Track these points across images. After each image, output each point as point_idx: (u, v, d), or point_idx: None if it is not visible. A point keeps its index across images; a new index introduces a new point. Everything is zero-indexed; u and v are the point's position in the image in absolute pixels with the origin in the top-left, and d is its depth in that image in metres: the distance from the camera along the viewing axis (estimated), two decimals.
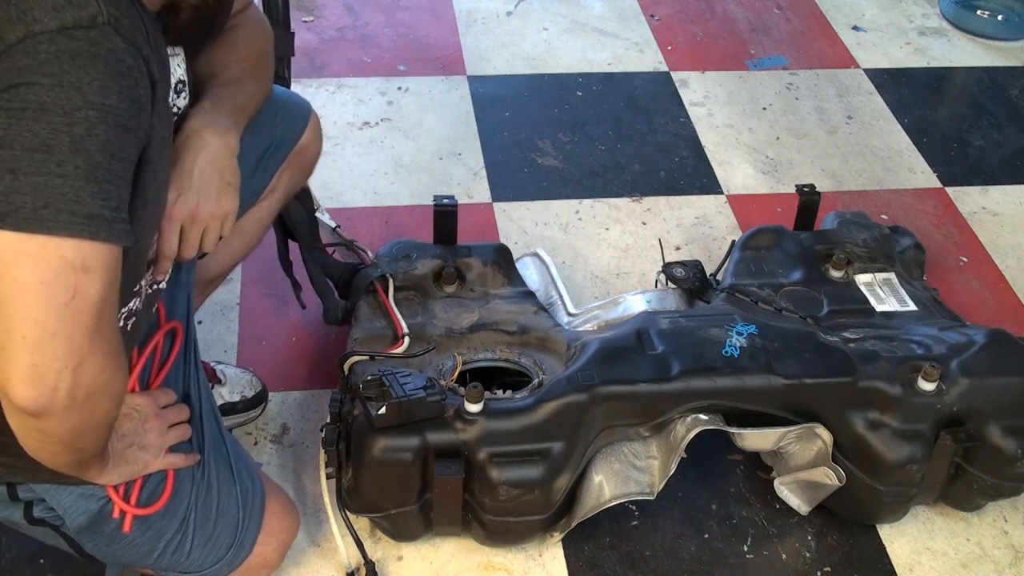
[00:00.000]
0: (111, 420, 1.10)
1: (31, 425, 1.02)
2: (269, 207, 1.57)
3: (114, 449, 1.22)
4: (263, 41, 1.43)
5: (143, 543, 1.29)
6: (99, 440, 1.13)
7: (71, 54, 0.95)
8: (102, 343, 1.00)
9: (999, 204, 2.35)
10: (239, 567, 1.37)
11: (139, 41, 1.01)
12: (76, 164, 0.94)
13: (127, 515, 1.25)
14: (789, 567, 1.60)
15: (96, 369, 1.00)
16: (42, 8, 0.94)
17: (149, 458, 1.26)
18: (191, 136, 1.23)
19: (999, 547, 1.65)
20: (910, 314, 1.73)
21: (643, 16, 2.90)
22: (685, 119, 2.53)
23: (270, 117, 1.47)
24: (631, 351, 1.55)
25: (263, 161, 1.50)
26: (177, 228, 1.23)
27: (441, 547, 1.58)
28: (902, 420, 1.52)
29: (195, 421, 1.35)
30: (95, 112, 0.95)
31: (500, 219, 2.19)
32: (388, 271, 1.70)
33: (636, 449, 1.54)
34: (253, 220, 1.55)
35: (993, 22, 2.90)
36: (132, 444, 1.24)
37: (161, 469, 1.28)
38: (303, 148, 1.57)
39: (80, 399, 1.00)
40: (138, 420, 1.26)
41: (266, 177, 1.52)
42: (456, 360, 1.55)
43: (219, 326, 1.89)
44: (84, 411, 1.02)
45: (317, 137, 1.61)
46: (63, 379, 0.98)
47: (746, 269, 1.79)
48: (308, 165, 1.62)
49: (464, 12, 2.85)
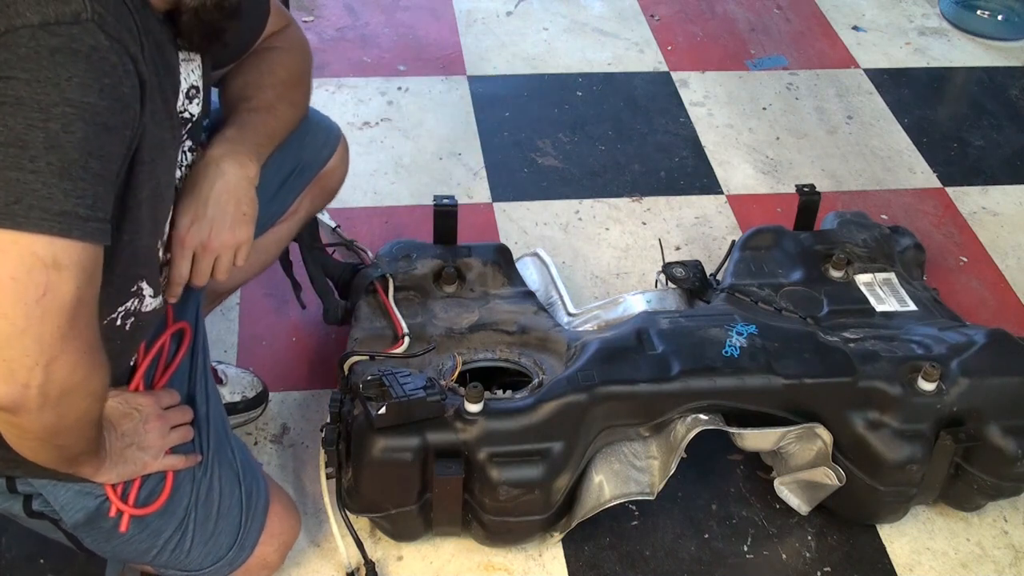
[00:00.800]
0: (92, 419, 1.10)
1: (7, 420, 1.02)
2: (288, 228, 1.58)
3: (112, 448, 1.22)
4: (302, 62, 1.43)
5: (141, 541, 1.29)
6: (81, 438, 1.12)
7: (51, 50, 0.94)
8: (76, 341, 1.00)
9: (999, 204, 2.35)
10: (239, 567, 1.37)
11: (126, 39, 1.00)
12: (49, 160, 0.94)
13: (124, 514, 1.25)
14: (789, 567, 1.60)
15: (69, 367, 1.00)
16: (25, 2, 0.94)
17: (148, 459, 1.26)
18: (209, 165, 1.23)
19: (999, 547, 1.65)
20: (910, 314, 1.73)
21: (643, 16, 2.90)
22: (685, 119, 2.53)
23: (299, 139, 1.46)
24: (631, 351, 1.55)
25: (286, 183, 1.50)
26: (189, 255, 1.23)
27: (441, 547, 1.58)
28: (902, 420, 1.52)
29: (199, 422, 1.35)
30: (72, 109, 0.94)
31: (500, 219, 2.19)
32: (388, 271, 1.70)
33: (636, 449, 1.54)
34: (271, 240, 1.55)
35: (993, 22, 2.90)
36: (132, 444, 1.24)
37: (160, 470, 1.28)
38: (328, 173, 1.58)
39: (53, 396, 1.00)
40: (139, 420, 1.26)
41: (288, 199, 1.53)
42: (456, 360, 1.55)
43: (219, 326, 1.89)
44: (59, 408, 1.02)
45: (343, 162, 1.61)
46: (34, 376, 0.98)
47: (746, 269, 1.79)
48: (332, 189, 1.63)
49: (464, 12, 2.85)
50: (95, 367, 1.05)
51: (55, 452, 1.11)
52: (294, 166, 1.50)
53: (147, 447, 1.26)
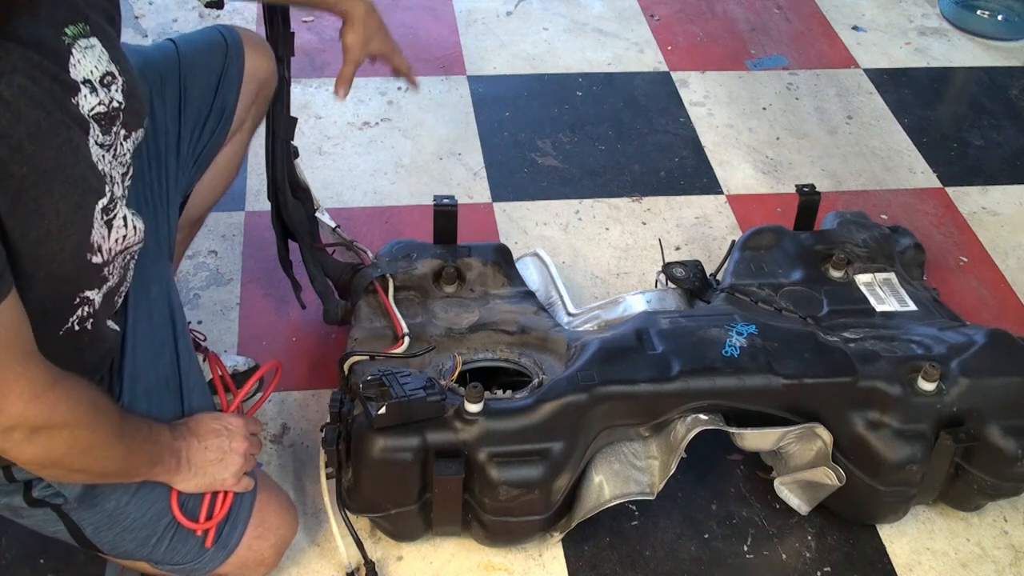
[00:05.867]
0: (89, 443, 1.14)
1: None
2: (241, 139, 1.59)
3: (193, 458, 1.29)
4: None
5: (142, 527, 1.30)
6: (97, 459, 1.18)
7: None
8: (11, 395, 1.03)
9: (999, 204, 2.35)
10: (231, 561, 1.37)
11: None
12: None
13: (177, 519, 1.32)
14: (789, 567, 1.60)
15: (19, 415, 1.04)
16: None
17: (228, 477, 1.33)
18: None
19: (999, 547, 1.65)
20: (910, 314, 1.73)
21: (643, 16, 2.90)
22: (685, 119, 2.53)
23: (193, 73, 1.47)
24: (631, 351, 1.55)
25: (208, 116, 1.50)
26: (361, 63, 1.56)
27: (441, 547, 1.58)
28: (902, 420, 1.52)
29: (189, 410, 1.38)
30: None
31: (500, 219, 2.19)
32: (388, 271, 1.70)
33: (636, 449, 1.54)
34: (227, 154, 1.57)
35: (993, 22, 2.90)
36: (216, 460, 1.31)
37: (232, 490, 1.34)
38: (254, 77, 1.54)
39: (21, 437, 1.06)
40: (227, 438, 1.33)
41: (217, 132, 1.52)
42: (456, 360, 1.55)
43: (219, 326, 1.90)
44: (37, 445, 1.08)
45: (261, 56, 1.56)
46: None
47: (746, 269, 1.79)
48: (268, 90, 1.60)
49: (464, 12, 2.85)
50: (52, 403, 1.08)
51: (82, 476, 1.20)
52: (198, 116, 1.49)
53: (230, 466, 1.32)
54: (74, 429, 1.12)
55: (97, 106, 1.09)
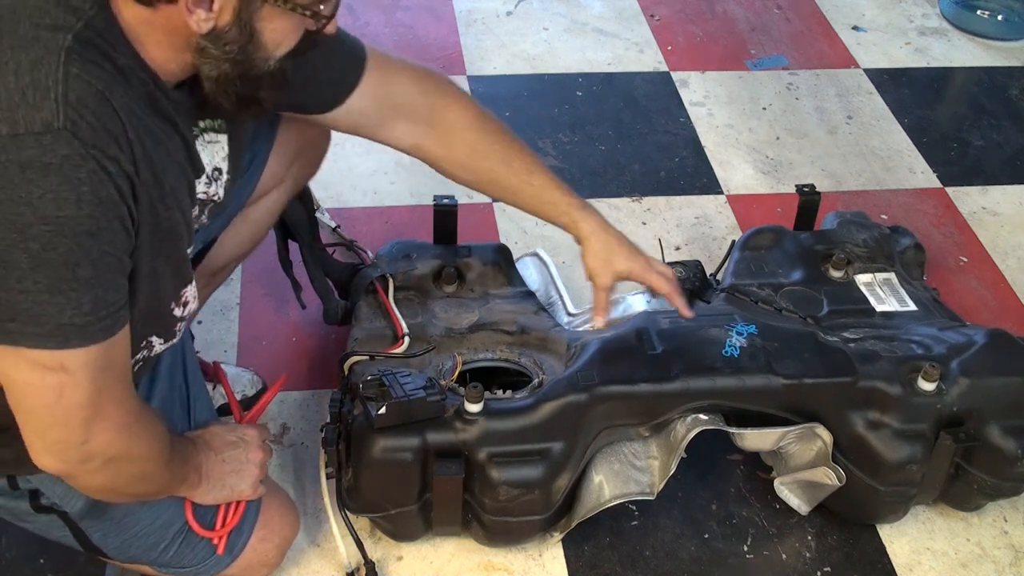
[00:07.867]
0: (148, 473, 1.17)
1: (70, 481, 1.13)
2: (277, 197, 1.57)
3: (211, 472, 1.29)
4: (472, 104, 1.55)
5: (151, 534, 1.30)
6: (149, 485, 1.20)
7: (21, 165, 0.91)
8: (105, 422, 1.05)
9: (999, 204, 2.35)
10: (237, 565, 1.37)
11: (103, 142, 0.95)
12: (36, 279, 0.93)
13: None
14: (789, 567, 1.60)
15: (105, 444, 1.06)
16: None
17: (245, 487, 1.33)
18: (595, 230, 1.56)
19: (999, 547, 1.65)
20: (910, 314, 1.73)
21: (643, 16, 2.90)
22: (685, 119, 2.53)
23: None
24: (631, 351, 1.55)
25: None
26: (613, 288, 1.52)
27: (441, 547, 1.58)
28: (902, 420, 1.52)
29: (195, 423, 1.37)
30: (49, 227, 0.92)
31: (500, 219, 2.19)
32: (388, 271, 1.70)
33: (636, 449, 1.54)
34: (261, 210, 1.55)
35: (993, 22, 2.90)
36: (233, 471, 1.32)
37: (250, 499, 1.35)
38: (311, 141, 1.56)
39: (95, 466, 1.08)
40: (243, 449, 1.33)
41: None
42: (456, 360, 1.55)
43: (219, 326, 1.89)
44: (107, 473, 1.10)
45: (325, 132, 1.58)
46: (71, 455, 1.05)
47: (746, 269, 1.79)
48: (317, 159, 1.61)
49: (464, 12, 2.85)
50: (135, 435, 1.10)
51: (128, 499, 1.22)
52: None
53: (247, 477, 1.33)
54: (144, 463, 1.14)
55: (200, 194, 1.18)
